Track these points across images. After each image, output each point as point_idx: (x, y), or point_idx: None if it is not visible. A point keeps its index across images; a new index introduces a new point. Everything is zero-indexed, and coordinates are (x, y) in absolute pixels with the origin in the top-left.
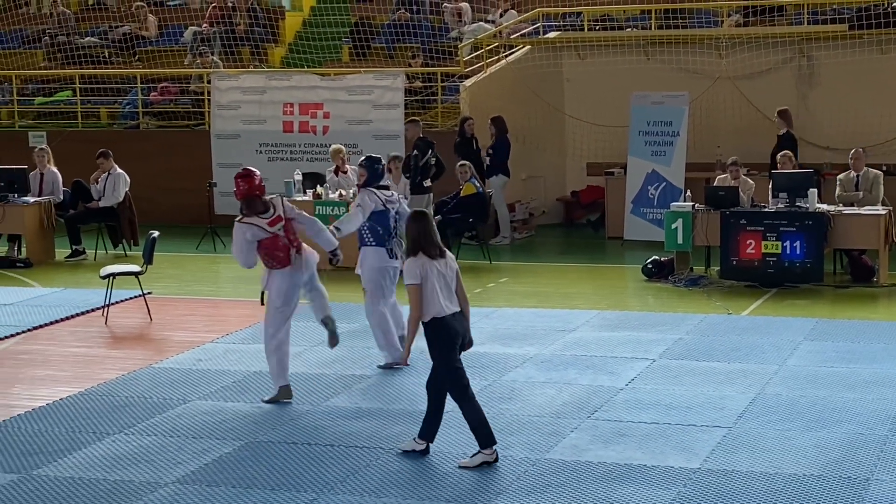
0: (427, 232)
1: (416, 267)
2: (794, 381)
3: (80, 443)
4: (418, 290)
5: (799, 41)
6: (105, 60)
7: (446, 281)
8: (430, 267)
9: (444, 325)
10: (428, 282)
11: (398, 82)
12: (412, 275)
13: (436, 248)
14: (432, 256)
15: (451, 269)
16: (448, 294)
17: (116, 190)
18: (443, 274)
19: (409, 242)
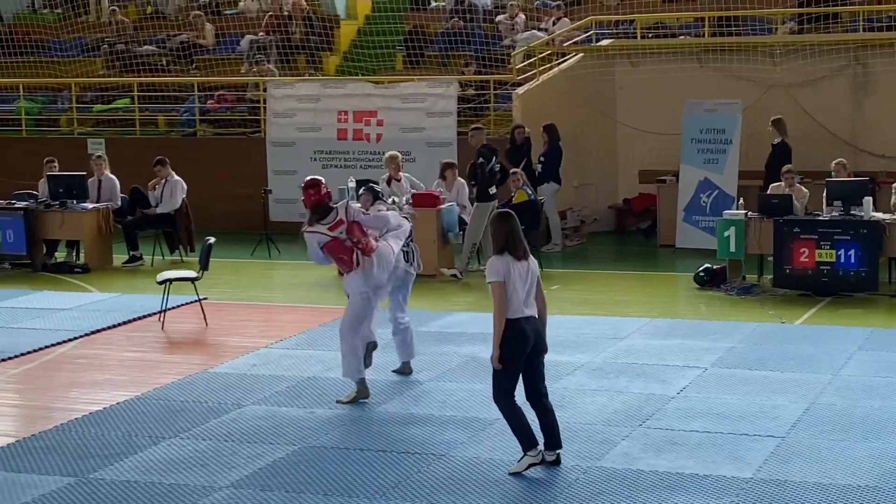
0: (514, 232)
1: (501, 265)
2: (849, 390)
3: (136, 446)
4: (502, 287)
5: (854, 48)
6: (163, 68)
7: (526, 284)
8: (513, 267)
9: (516, 326)
10: (509, 281)
11: (451, 90)
12: (496, 272)
13: (521, 249)
14: (518, 258)
15: (533, 274)
16: (526, 297)
17: (173, 196)
18: (523, 276)
19: (496, 242)
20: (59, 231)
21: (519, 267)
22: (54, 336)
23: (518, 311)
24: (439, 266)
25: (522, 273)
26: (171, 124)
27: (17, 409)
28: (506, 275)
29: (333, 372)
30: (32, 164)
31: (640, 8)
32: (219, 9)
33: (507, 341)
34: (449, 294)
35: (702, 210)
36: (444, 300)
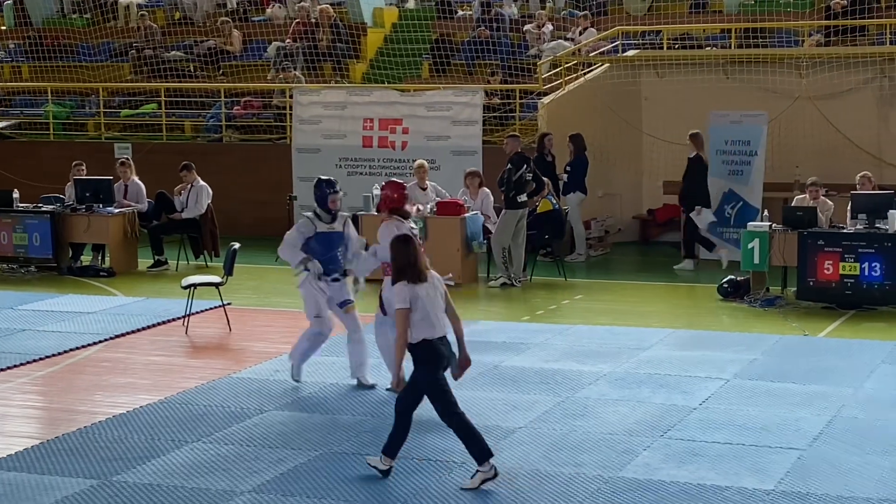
0: (409, 258)
1: (406, 291)
2: (872, 404)
3: (158, 450)
4: (406, 314)
5: (881, 61)
6: (190, 74)
7: (434, 304)
8: (418, 290)
9: (431, 347)
10: (416, 305)
11: (477, 99)
12: (402, 299)
13: (419, 272)
14: (414, 281)
15: (439, 292)
16: (436, 317)
17: (199, 202)
18: (430, 297)
19: (394, 267)
20: (85, 235)
21: (422, 289)
22: (79, 339)
23: (432, 333)
24: (463, 275)
25: (429, 293)
26: (197, 130)
27: (42, 412)
28: (412, 300)
29: (355, 379)
30: (60, 168)
31: (666, 19)
32: (246, 15)
33: (427, 363)
34: (472, 303)
35: (726, 221)
36: (468, 308)
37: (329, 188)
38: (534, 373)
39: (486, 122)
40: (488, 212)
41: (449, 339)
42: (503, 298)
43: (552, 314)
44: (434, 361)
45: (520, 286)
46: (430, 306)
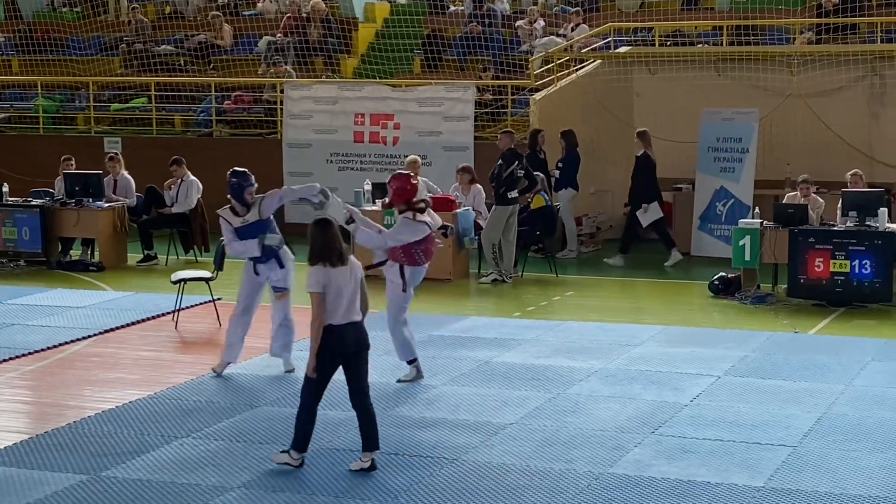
0: (328, 240)
1: (319, 275)
2: (861, 401)
3: (148, 445)
4: (320, 297)
5: (871, 59)
6: (180, 68)
7: (349, 288)
8: (332, 275)
9: (336, 333)
10: (329, 289)
11: (469, 94)
12: (315, 283)
13: (336, 255)
14: (333, 264)
15: (355, 278)
16: (350, 303)
17: (189, 196)
18: (344, 282)
19: (311, 250)
20: (75, 229)
21: (338, 273)
22: (68, 334)
23: (341, 318)
24: (454, 271)
25: (343, 279)
26: (187, 124)
27: (30, 407)
28: (325, 284)
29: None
30: (49, 162)
31: (658, 15)
32: (237, 9)
33: (327, 346)
34: (463, 299)
35: (717, 218)
36: (458, 304)
37: (245, 181)
38: (525, 369)
39: (477, 118)
40: (480, 208)
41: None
42: (494, 294)
43: (543, 310)
44: (331, 347)
45: (511, 282)
46: (341, 292)
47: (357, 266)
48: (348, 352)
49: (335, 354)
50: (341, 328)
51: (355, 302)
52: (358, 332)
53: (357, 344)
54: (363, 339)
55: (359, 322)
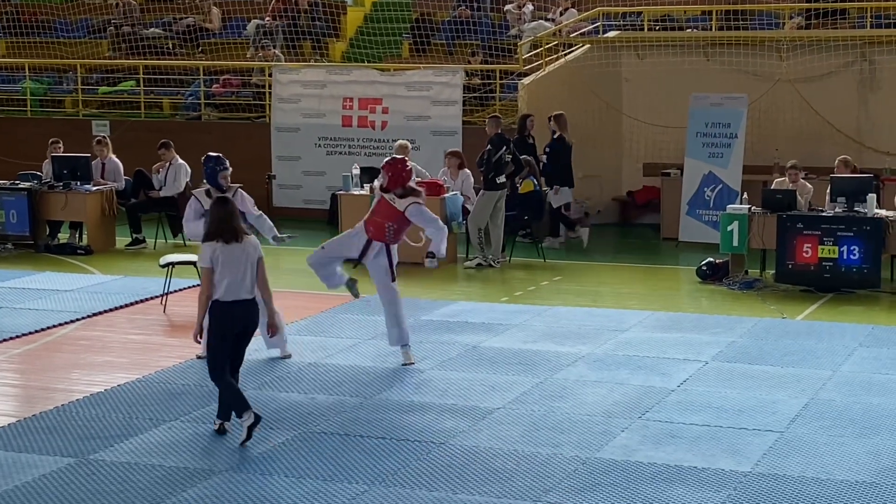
0: (223, 217)
1: (209, 251)
2: (848, 387)
3: (136, 429)
4: (209, 272)
5: (861, 45)
6: (168, 51)
7: (239, 267)
8: (222, 252)
9: (223, 308)
10: (218, 266)
11: (457, 79)
12: (204, 258)
13: (230, 233)
14: (226, 241)
15: (248, 257)
16: (240, 281)
17: (177, 180)
18: (234, 260)
19: (208, 227)
20: (63, 212)
21: (229, 250)
22: (56, 317)
23: (228, 294)
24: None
25: (234, 257)
26: (175, 108)
27: (18, 390)
28: (213, 260)
29: (332, 358)
30: (37, 145)
31: (647, 0)
32: None
33: (215, 321)
34: (451, 283)
35: (705, 204)
36: (446, 289)
37: (219, 165)
38: (512, 354)
39: (466, 103)
40: (468, 192)
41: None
42: (482, 279)
43: (531, 295)
44: (217, 323)
45: (498, 267)
46: (232, 269)
47: (254, 246)
48: (236, 328)
49: (224, 330)
50: (228, 305)
51: (245, 281)
52: (246, 310)
53: (245, 322)
54: (251, 318)
55: (248, 301)
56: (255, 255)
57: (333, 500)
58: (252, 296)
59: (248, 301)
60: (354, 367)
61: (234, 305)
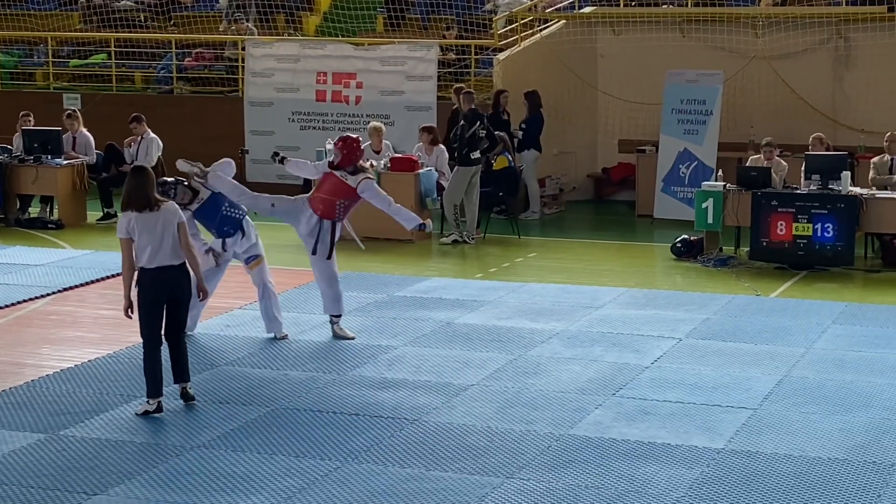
0: (137, 187)
1: (124, 221)
2: (822, 364)
3: (106, 404)
4: (126, 242)
5: (836, 22)
6: (140, 24)
7: (154, 235)
8: (137, 221)
9: (147, 276)
10: (136, 235)
11: (432, 54)
12: (120, 228)
13: (144, 201)
14: (140, 210)
15: (165, 224)
16: (158, 248)
17: (149, 154)
18: (150, 228)
19: (123, 196)
20: (34, 186)
21: (144, 219)
22: (26, 292)
23: (149, 262)
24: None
25: (149, 225)
26: (147, 81)
27: None
28: (129, 231)
29: (306, 334)
30: (7, 118)
31: None
32: None
33: (142, 290)
34: (425, 259)
35: (680, 181)
36: (420, 265)
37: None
38: (486, 330)
39: (441, 78)
40: (443, 168)
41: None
42: (456, 255)
43: (505, 272)
44: (144, 291)
45: (473, 243)
46: (149, 238)
47: (172, 212)
48: (163, 295)
49: (152, 297)
50: (153, 272)
51: (165, 247)
52: (172, 276)
53: (172, 288)
54: (179, 284)
55: (174, 266)
56: (174, 220)
57: (306, 476)
58: (178, 262)
59: (173, 267)
60: (328, 343)
61: (158, 272)
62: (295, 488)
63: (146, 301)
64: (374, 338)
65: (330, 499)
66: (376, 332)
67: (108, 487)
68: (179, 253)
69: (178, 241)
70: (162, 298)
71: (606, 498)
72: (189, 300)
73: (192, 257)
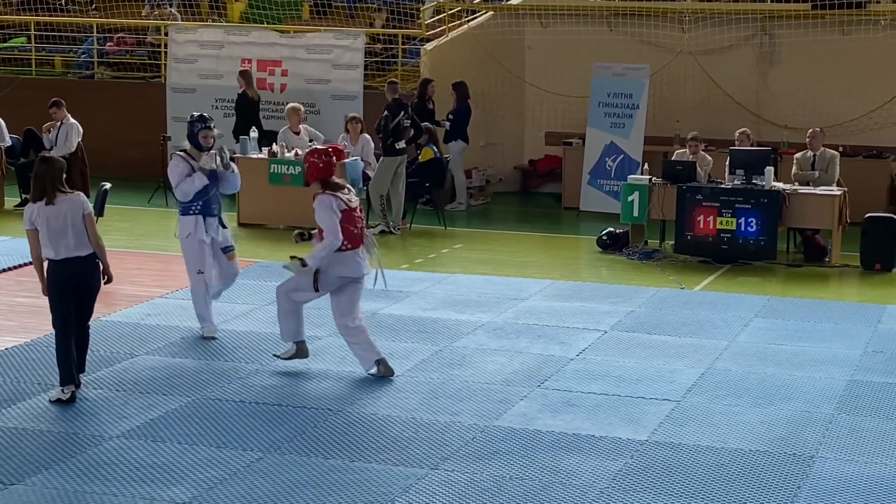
0: (39, 177)
1: (28, 213)
2: (744, 357)
3: (24, 393)
4: (31, 233)
5: (762, 19)
6: (61, 8)
7: (58, 227)
8: (41, 213)
9: (55, 267)
10: (41, 227)
11: (358, 43)
12: (25, 220)
13: (48, 194)
14: (45, 201)
15: (68, 216)
16: (61, 240)
17: (69, 140)
18: (54, 220)
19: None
20: None
21: (48, 210)
22: None
23: (57, 253)
24: None
25: (52, 217)
26: (68, 66)
27: None
28: (33, 222)
29: (230, 324)
30: None
31: None
32: None
33: (50, 280)
34: None
35: (607, 174)
36: None
37: (201, 123)
38: (412, 321)
39: (367, 67)
40: (369, 158)
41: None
42: (382, 246)
43: (431, 263)
44: (52, 280)
45: (399, 234)
46: (53, 229)
47: (77, 203)
48: (72, 284)
49: (60, 286)
50: (60, 263)
51: (68, 238)
52: (78, 267)
53: (79, 278)
54: (86, 275)
55: (80, 258)
56: (80, 211)
57: (227, 467)
58: (84, 253)
59: (79, 258)
60: (250, 333)
61: (64, 263)
62: (216, 479)
63: (55, 289)
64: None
65: (251, 490)
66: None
67: (25, 477)
68: (86, 244)
69: (83, 232)
70: (68, 289)
71: (530, 489)
72: (97, 292)
73: (98, 247)
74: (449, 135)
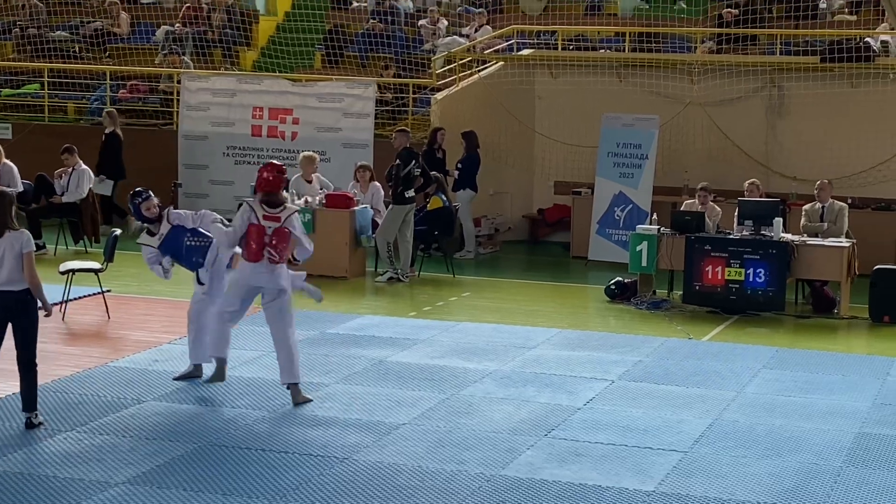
0: None
1: None
2: (752, 408)
3: (31, 439)
4: None
5: (770, 71)
6: (75, 55)
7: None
8: None
9: None
10: None
11: (369, 91)
12: None
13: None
14: None
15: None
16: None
17: (80, 186)
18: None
19: None
20: None
21: None
22: None
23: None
24: (351, 269)
25: None
26: (80, 112)
27: None
28: None
29: (237, 370)
30: None
31: (561, 19)
32: None
33: None
34: (359, 297)
35: (615, 223)
36: (354, 303)
37: (136, 198)
38: (419, 369)
39: (378, 116)
40: (378, 206)
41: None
42: (390, 293)
43: (439, 311)
44: None
45: (407, 281)
46: None
47: (17, 239)
48: (4, 317)
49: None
50: None
51: (3, 272)
52: (10, 301)
53: (12, 312)
54: (17, 311)
55: (13, 292)
56: (18, 247)
57: None
58: (17, 288)
59: (12, 293)
60: (257, 380)
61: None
62: None
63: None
64: (306, 375)
65: None
66: (308, 370)
67: None
68: (20, 279)
69: (18, 268)
70: (2, 320)
71: None
72: (33, 329)
73: (34, 285)
74: (458, 183)
